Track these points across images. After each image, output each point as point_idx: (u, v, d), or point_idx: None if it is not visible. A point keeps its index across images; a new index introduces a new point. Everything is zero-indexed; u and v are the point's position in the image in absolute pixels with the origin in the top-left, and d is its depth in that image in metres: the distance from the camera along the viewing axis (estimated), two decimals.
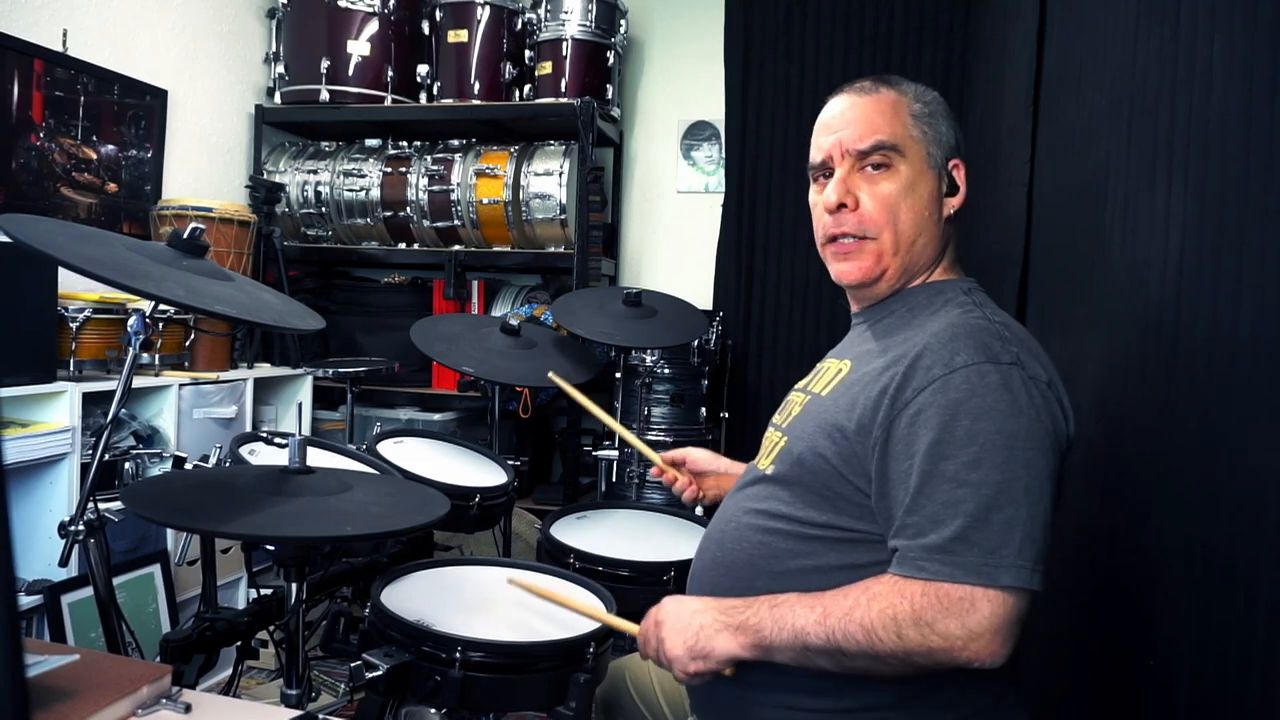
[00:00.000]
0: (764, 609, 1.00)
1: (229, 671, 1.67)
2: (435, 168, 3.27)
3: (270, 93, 3.42)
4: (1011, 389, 0.94)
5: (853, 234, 1.12)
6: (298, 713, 0.98)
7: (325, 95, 3.24)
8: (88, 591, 1.97)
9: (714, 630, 1.02)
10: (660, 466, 1.55)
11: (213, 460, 1.56)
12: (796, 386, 1.23)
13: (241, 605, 2.11)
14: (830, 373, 1.15)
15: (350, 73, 3.24)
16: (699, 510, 1.58)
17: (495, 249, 3.29)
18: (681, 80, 3.65)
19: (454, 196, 3.23)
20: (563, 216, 3.15)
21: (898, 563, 0.95)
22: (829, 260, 1.17)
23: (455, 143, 3.37)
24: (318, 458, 1.66)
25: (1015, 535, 0.90)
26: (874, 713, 1.02)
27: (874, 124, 1.11)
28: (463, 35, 3.26)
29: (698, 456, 1.54)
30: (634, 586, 1.53)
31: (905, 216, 1.10)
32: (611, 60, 3.36)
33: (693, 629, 1.03)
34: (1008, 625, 0.90)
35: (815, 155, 1.16)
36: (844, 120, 1.13)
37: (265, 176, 3.32)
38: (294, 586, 1.28)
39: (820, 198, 1.14)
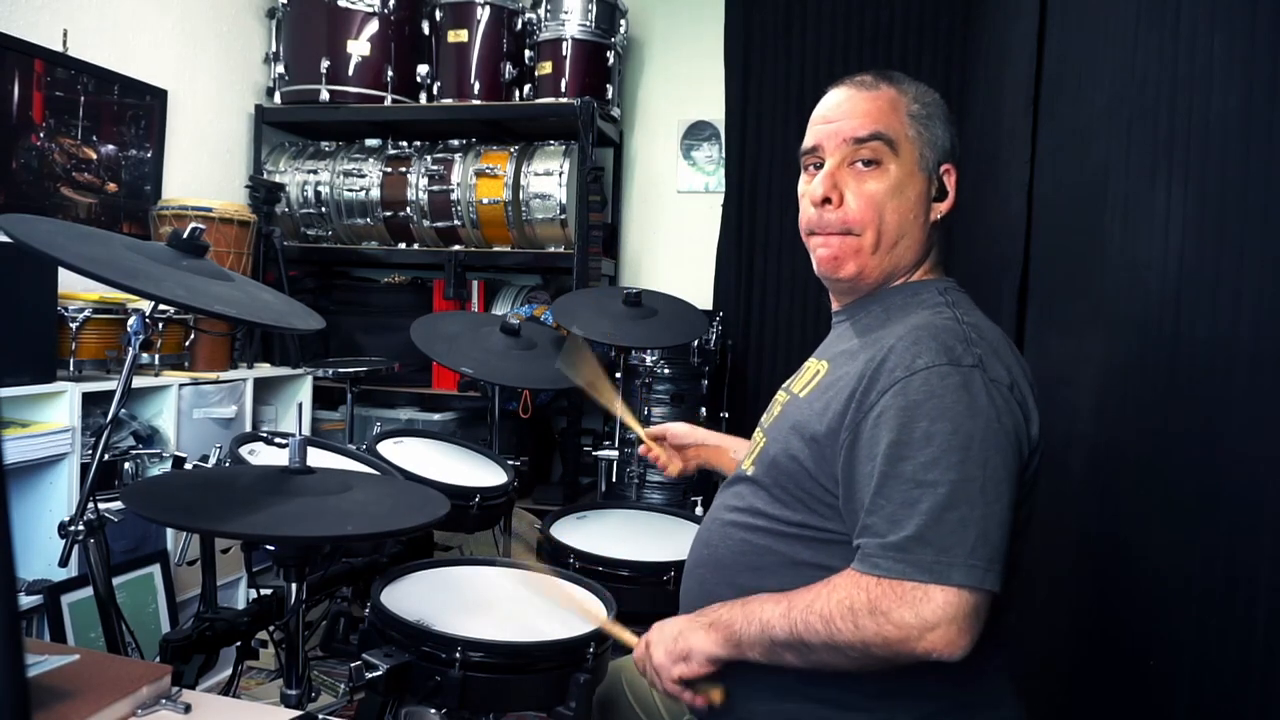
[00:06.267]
0: (736, 607, 1.05)
1: (229, 671, 1.67)
2: (435, 168, 3.26)
3: (270, 93, 3.42)
4: (971, 391, 0.95)
5: (835, 231, 1.11)
6: (298, 713, 0.98)
7: (325, 95, 3.24)
8: (88, 591, 1.97)
9: (690, 630, 1.07)
10: (647, 444, 1.60)
11: (213, 460, 1.56)
12: (783, 385, 1.25)
13: (241, 605, 2.11)
14: (809, 373, 1.17)
15: (350, 73, 3.24)
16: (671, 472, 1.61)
17: (495, 249, 3.29)
18: (681, 80, 3.65)
19: (454, 196, 3.23)
20: (563, 216, 3.15)
21: (857, 560, 0.97)
22: (811, 249, 1.17)
23: (455, 143, 3.36)
24: (318, 458, 1.66)
25: (969, 535, 0.91)
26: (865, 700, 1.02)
27: (870, 118, 1.10)
28: (463, 35, 3.26)
29: (676, 430, 1.60)
30: (634, 586, 1.53)
31: (890, 216, 1.09)
32: (611, 60, 3.36)
33: (672, 635, 1.09)
34: (964, 617, 0.90)
35: (808, 140, 1.16)
36: (840, 112, 1.12)
37: (265, 176, 3.32)
38: (294, 586, 1.27)
39: (808, 188, 1.14)
